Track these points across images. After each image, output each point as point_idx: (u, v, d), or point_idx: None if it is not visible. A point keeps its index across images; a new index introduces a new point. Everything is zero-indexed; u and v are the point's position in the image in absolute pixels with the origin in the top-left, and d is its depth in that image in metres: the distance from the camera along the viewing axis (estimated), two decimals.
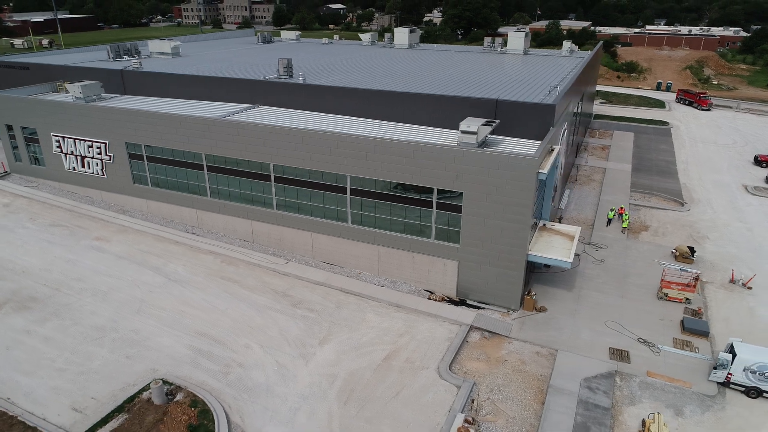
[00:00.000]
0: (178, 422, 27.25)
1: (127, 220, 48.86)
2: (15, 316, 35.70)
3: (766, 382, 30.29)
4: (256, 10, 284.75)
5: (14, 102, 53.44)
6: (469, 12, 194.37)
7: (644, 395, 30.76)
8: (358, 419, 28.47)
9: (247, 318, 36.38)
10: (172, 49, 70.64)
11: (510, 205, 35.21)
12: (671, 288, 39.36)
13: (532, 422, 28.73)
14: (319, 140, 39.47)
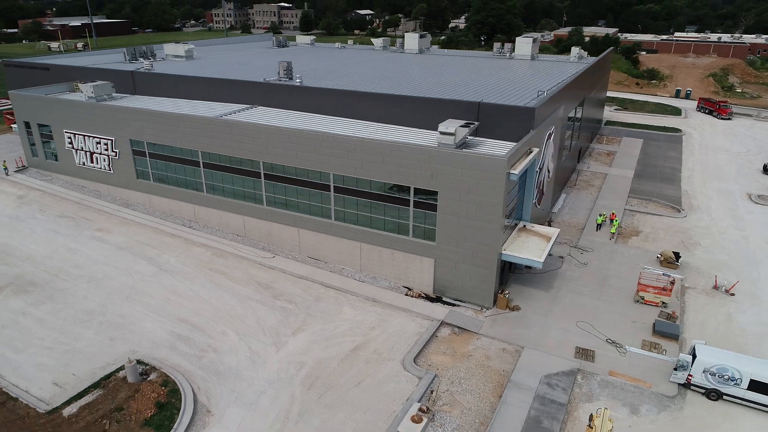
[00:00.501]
0: (147, 399, 29.01)
1: (130, 213, 51.40)
2: (14, 298, 38.26)
3: (726, 384, 30.42)
4: (284, 16, 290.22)
5: (31, 100, 56.77)
6: (492, 18, 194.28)
7: (603, 393, 31.24)
8: (318, 404, 29.77)
9: (228, 307, 38.13)
10: (185, 52, 73.45)
11: (482, 204, 36.12)
12: (647, 291, 39.54)
13: (486, 414, 29.55)
14: (303, 139, 41.11)
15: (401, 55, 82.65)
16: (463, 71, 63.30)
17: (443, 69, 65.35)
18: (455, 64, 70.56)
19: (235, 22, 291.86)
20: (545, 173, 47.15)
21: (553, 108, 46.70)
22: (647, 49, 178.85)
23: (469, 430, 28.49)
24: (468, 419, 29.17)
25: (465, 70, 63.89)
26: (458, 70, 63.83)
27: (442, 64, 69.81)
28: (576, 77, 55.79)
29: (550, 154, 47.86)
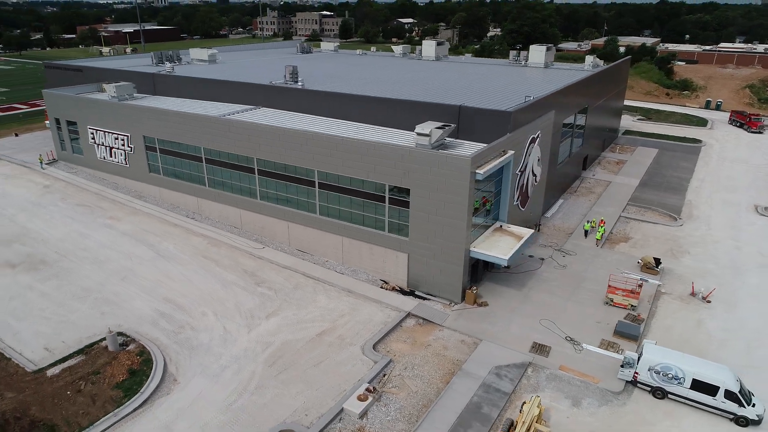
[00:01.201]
0: (122, 366, 32.08)
1: (140, 204, 55.40)
2: (24, 274, 42.41)
3: (669, 383, 31.04)
4: (325, 24, 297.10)
5: (61, 99, 61.90)
6: (527, 27, 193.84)
7: (548, 385, 32.37)
8: (275, 380, 32.13)
9: (213, 291, 41.08)
10: (209, 57, 77.89)
11: (449, 202, 37.83)
12: (616, 294, 40.20)
13: (431, 398, 31.20)
14: (291, 137, 43.85)
15: (416, 61, 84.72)
16: (466, 77, 64.92)
17: (447, 75, 67.12)
18: (464, 70, 72.14)
19: (278, 29, 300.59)
20: (529, 177, 48.24)
21: (539, 113, 47.79)
22: (687, 59, 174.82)
23: (411, 411, 30.22)
24: (412, 401, 30.90)
25: (469, 76, 65.48)
26: (462, 76, 65.48)
27: (450, 70, 71.54)
28: (571, 85, 56.51)
29: (536, 158, 48.91)
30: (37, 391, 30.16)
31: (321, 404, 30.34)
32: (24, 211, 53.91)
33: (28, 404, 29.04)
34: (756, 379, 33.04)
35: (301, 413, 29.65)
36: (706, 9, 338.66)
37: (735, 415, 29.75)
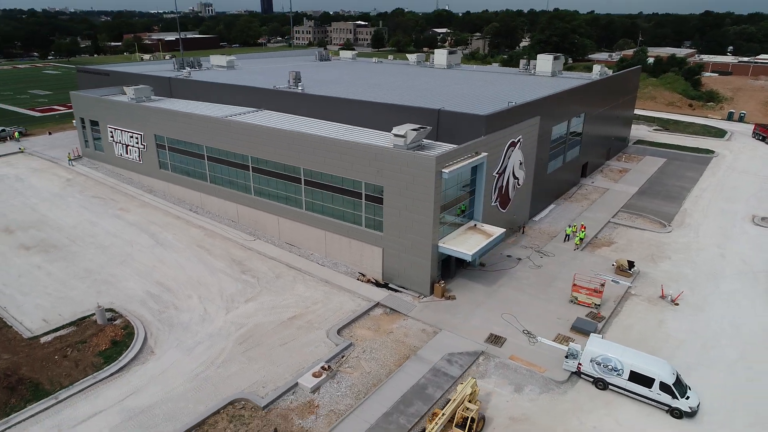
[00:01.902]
0: (106, 337, 35.54)
1: (149, 197, 59.62)
2: (36, 255, 46.81)
3: (609, 374, 32.39)
4: (359, 33, 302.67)
5: (85, 100, 67.08)
6: (556, 37, 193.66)
7: (495, 372, 34.16)
8: (242, 356, 34.98)
9: (201, 276, 44.41)
10: (227, 63, 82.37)
11: (417, 200, 40.10)
12: (580, 292, 41.52)
13: (381, 378, 33.43)
14: (280, 137, 47.02)
15: (426, 69, 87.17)
16: (464, 84, 67.00)
17: (447, 81, 69.36)
18: (466, 78, 74.20)
19: (314, 38, 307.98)
20: (509, 179, 49.96)
21: (520, 118, 49.48)
22: (721, 70, 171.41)
23: (361, 388, 32.53)
24: (363, 380, 33.21)
25: (467, 83, 67.53)
26: (461, 83, 67.59)
27: (453, 78, 73.72)
28: (561, 92, 57.91)
29: (517, 162, 50.59)
30: (29, 354, 33.89)
31: (279, 379, 32.99)
32: (45, 201, 58.89)
33: (19, 365, 32.74)
34: (703, 377, 34.05)
35: (260, 385, 32.36)
36: (752, 20, 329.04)
37: (669, 407, 30.88)
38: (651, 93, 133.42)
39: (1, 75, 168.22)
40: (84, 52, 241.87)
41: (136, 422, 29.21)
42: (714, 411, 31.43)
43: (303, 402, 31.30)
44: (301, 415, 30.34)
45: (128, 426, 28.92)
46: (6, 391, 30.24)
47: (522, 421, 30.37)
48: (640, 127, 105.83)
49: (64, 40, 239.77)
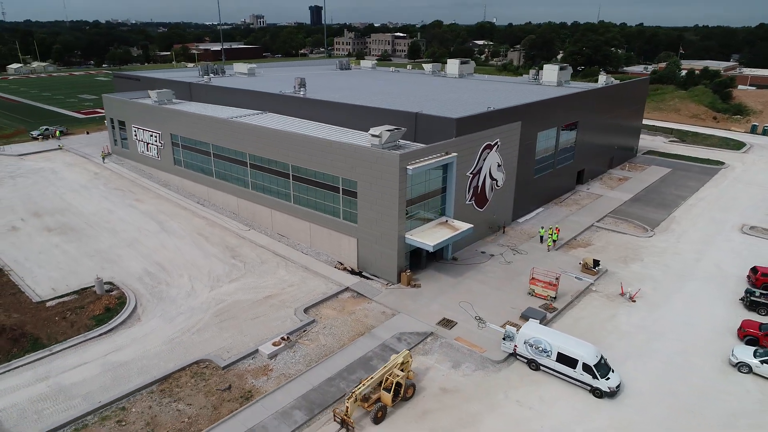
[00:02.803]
0: (101, 304, 40.64)
1: (163, 190, 65.45)
2: (56, 236, 52.91)
3: (540, 355, 34.99)
4: (397, 45, 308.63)
5: (114, 102, 73.99)
6: (589, 49, 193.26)
7: (439, 350, 37.25)
8: (216, 326, 39.31)
9: (195, 259, 49.28)
10: (248, 70, 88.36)
11: (385, 194, 43.72)
12: (537, 285, 44.04)
13: (334, 350, 37.07)
14: (270, 136, 51.65)
15: (437, 78, 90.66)
16: (461, 91, 70.24)
17: (450, 89, 72.69)
18: (470, 86, 77.30)
19: (353, 49, 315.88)
20: (486, 180, 52.84)
21: (498, 123, 52.37)
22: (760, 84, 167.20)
23: (313, 357, 36.26)
24: (317, 351, 36.95)
25: (464, 91, 70.75)
26: (459, 91, 70.87)
27: (458, 86, 76.97)
28: (546, 100, 60.39)
29: (494, 163, 53.42)
30: (35, 315, 39.30)
31: (243, 346, 37.12)
32: (72, 191, 65.62)
33: (25, 323, 38.13)
34: (637, 366, 36.19)
35: (225, 351, 36.57)
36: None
37: (591, 386, 33.25)
38: (676, 105, 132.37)
39: (57, 81, 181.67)
40: (135, 60, 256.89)
41: (112, 374, 33.89)
42: (637, 394, 33.58)
43: (259, 366, 35.30)
44: (255, 376, 34.33)
45: (105, 376, 33.61)
46: (10, 342, 35.54)
47: (451, 392, 33.40)
48: (656, 139, 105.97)
49: (118, 50, 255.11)
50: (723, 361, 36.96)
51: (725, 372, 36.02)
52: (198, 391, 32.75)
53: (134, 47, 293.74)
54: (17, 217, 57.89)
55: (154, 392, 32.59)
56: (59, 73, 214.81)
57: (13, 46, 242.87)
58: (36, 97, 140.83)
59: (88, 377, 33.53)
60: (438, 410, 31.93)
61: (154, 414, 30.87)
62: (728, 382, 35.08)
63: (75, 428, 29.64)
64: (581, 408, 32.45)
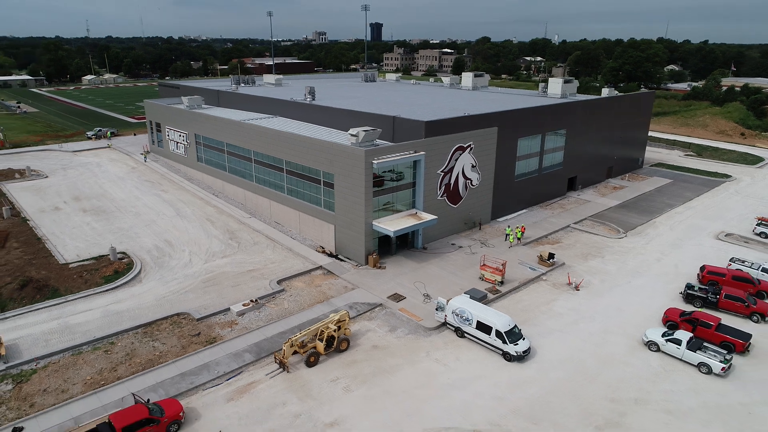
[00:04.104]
0: (112, 268, 48.92)
1: (186, 183, 74.42)
2: (89, 216, 62.41)
3: (464, 323, 40.09)
4: (444, 60, 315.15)
5: (153, 106, 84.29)
6: (629, 65, 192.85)
7: (382, 318, 43.00)
8: (201, 290, 46.65)
9: (198, 239, 57.19)
10: (275, 81, 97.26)
11: (355, 185, 50.06)
12: (486, 271, 48.96)
13: (293, 312, 43.54)
14: (268, 135, 59.23)
15: (449, 89, 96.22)
16: (461, 100, 75.67)
17: (452, 99, 78.28)
18: (475, 96, 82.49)
19: (401, 65, 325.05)
20: (458, 178, 58.10)
21: (472, 127, 57.69)
22: None
23: (275, 317, 42.81)
24: (279, 313, 43.49)
25: (464, 100, 76.15)
26: (456, 100, 76.35)
27: (462, 96, 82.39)
28: (526, 108, 65.09)
29: (468, 164, 58.62)
30: (58, 273, 47.99)
31: (219, 305, 44.17)
32: (110, 182, 75.75)
33: (49, 278, 46.80)
34: (557, 339, 40.69)
35: (203, 308, 43.73)
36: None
37: (501, 350, 38.09)
38: (705, 121, 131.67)
39: (122, 90, 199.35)
40: (195, 73, 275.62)
41: (109, 318, 41.71)
42: (545, 360, 38.13)
43: (228, 320, 42.21)
44: (222, 327, 41.25)
45: (103, 320, 41.45)
46: (35, 290, 44.18)
47: (381, 349, 39.09)
48: (672, 153, 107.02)
49: (180, 63, 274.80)
50: (638, 341, 40.76)
51: (635, 349, 39.87)
52: (173, 335, 39.99)
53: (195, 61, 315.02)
54: (61, 200, 68.13)
55: (138, 333, 40.07)
56: (125, 84, 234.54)
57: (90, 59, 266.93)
58: (100, 104, 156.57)
59: (90, 320, 41.47)
60: (365, 361, 37.70)
61: (134, 348, 38.29)
62: (634, 357, 38.96)
63: (72, 354, 37.43)
64: (489, 367, 37.36)
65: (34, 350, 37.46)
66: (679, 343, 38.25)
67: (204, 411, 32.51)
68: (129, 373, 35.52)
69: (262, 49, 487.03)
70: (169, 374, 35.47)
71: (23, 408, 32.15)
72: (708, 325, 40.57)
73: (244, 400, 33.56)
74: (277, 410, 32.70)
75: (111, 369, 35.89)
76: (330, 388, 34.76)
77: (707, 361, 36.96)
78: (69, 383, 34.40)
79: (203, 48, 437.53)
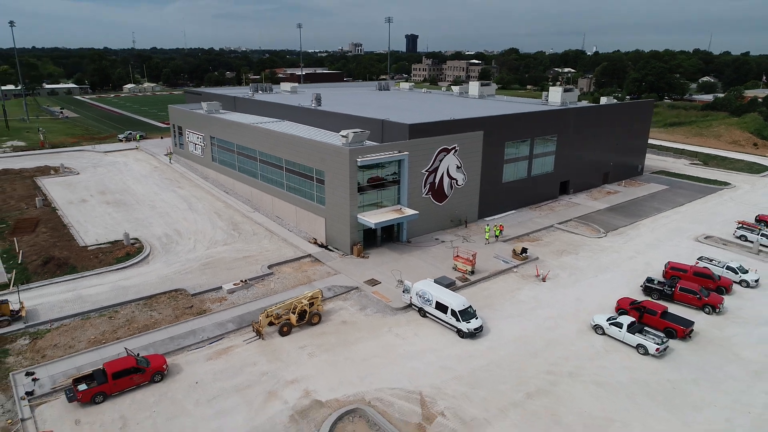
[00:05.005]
0: (125, 251, 55.10)
1: (201, 181, 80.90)
2: (110, 208, 69.30)
3: (426, 304, 44.29)
4: (471, 71, 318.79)
5: (176, 111, 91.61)
6: (652, 77, 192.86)
7: (355, 299, 47.60)
8: (199, 271, 52.22)
9: (204, 229, 63.09)
10: (291, 88, 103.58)
11: (342, 181, 55.01)
12: (459, 261, 53.03)
13: (278, 292, 48.54)
14: (270, 136, 64.93)
15: (456, 97, 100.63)
16: (459, 107, 79.96)
17: (451, 106, 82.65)
18: (475, 104, 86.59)
19: (428, 75, 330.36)
20: (443, 178, 62.32)
21: (456, 130, 61.95)
22: None
23: (260, 295, 47.94)
24: (264, 291, 48.59)
25: (462, 106, 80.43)
26: (461, 107, 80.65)
27: (463, 103, 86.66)
28: (512, 114, 68.96)
29: (453, 165, 62.82)
30: (78, 254, 54.41)
31: (212, 284, 49.60)
32: (134, 179, 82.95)
33: (69, 257, 53.21)
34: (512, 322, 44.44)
35: (198, 286, 49.18)
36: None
37: (456, 328, 42.16)
38: (718, 131, 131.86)
39: (158, 98, 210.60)
40: (229, 82, 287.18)
41: (116, 292, 47.58)
42: (496, 338, 41.99)
43: (218, 297, 47.54)
44: (213, 302, 46.59)
45: (111, 293, 47.32)
46: (56, 267, 50.59)
47: (349, 324, 43.68)
48: (678, 161, 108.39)
49: (214, 73, 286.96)
50: (587, 326, 44.15)
51: (584, 333, 43.31)
52: (169, 306, 45.54)
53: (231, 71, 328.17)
54: (88, 194, 75.44)
55: (140, 304, 45.77)
56: (162, 92, 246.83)
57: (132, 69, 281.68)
58: (135, 110, 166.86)
59: (100, 292, 47.44)
60: (332, 333, 42.36)
61: (134, 315, 43.97)
62: (580, 339, 42.43)
63: (81, 318, 43.32)
64: (443, 342, 41.46)
65: (50, 314, 43.49)
66: (621, 327, 41.58)
67: (186, 367, 37.70)
68: (127, 334, 41.14)
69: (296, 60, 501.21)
70: (161, 337, 40.88)
71: (36, 358, 38.00)
72: (654, 313, 43.72)
73: (221, 360, 38.62)
74: (248, 369, 37.62)
75: (112, 331, 41.58)
76: (297, 354, 39.53)
77: (644, 343, 40.20)
78: (76, 341, 40.19)
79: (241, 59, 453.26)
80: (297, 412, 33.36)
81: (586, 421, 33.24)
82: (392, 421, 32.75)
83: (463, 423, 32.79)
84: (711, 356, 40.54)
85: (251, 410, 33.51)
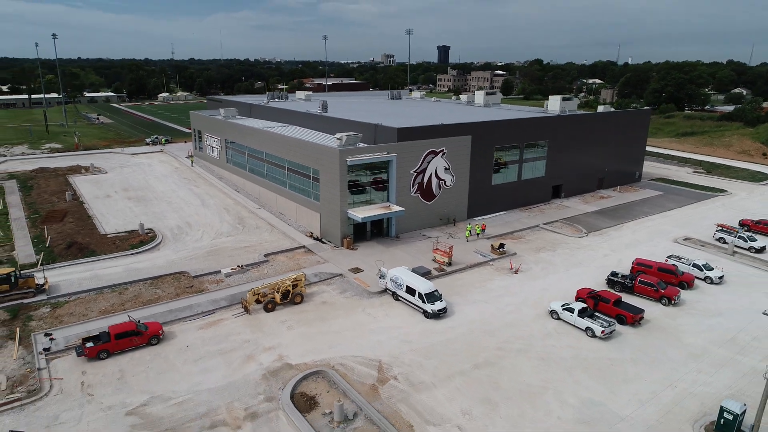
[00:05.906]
0: (139, 239, 61.55)
1: (215, 180, 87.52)
2: (131, 203, 76.29)
3: (398, 288, 48.99)
4: (495, 81, 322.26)
5: (196, 117, 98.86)
6: (671, 87, 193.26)
7: (337, 284, 52.66)
8: (203, 257, 58.12)
9: (212, 222, 69.26)
10: (305, 96, 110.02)
11: (333, 178, 60.35)
12: (437, 254, 57.58)
13: (270, 276, 53.95)
14: (274, 139, 70.84)
15: (462, 105, 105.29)
16: (461, 114, 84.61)
17: (451, 113, 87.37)
18: (476, 111, 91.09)
19: (453, 86, 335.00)
20: (432, 179, 67.00)
21: (444, 134, 66.69)
22: None
23: (252, 277, 53.46)
24: (258, 275, 54.06)
25: (463, 114, 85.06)
26: (460, 114, 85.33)
27: (465, 111, 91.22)
28: (500, 121, 73.26)
29: (441, 167, 67.46)
30: (98, 240, 61.12)
31: (213, 269, 55.38)
32: (155, 178, 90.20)
33: (90, 243, 59.92)
34: (477, 307, 48.69)
35: (200, 270, 55.02)
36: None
37: (422, 309, 46.75)
38: (729, 141, 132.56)
39: (189, 106, 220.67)
40: (257, 92, 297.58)
41: (128, 272, 53.80)
42: (458, 319, 46.34)
43: (217, 279, 53.26)
44: (211, 284, 52.31)
45: (123, 274, 53.55)
46: (77, 250, 57.28)
47: (328, 304, 48.75)
48: (681, 169, 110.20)
49: (245, 83, 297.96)
50: (546, 312, 48.10)
51: (541, 317, 47.27)
52: (172, 286, 51.46)
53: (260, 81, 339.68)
54: (113, 190, 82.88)
55: (147, 283, 51.83)
56: (193, 100, 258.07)
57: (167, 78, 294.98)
58: (165, 117, 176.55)
59: (114, 273, 53.74)
60: (311, 311, 47.48)
61: (141, 292, 50.00)
62: (536, 322, 46.43)
63: (95, 293, 49.56)
64: (409, 321, 46.08)
65: (69, 288, 49.87)
66: (572, 311, 45.48)
67: (179, 334, 43.32)
68: (133, 307, 47.11)
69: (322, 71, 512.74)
70: (161, 310, 46.68)
71: (54, 323, 44.21)
72: (607, 301, 47.43)
73: (211, 329, 44.14)
74: (232, 337, 43.02)
75: (120, 304, 47.66)
76: (277, 326, 44.77)
77: (591, 326, 44.02)
78: (89, 310, 46.36)
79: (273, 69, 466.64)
80: (269, 372, 38.49)
81: (522, 388, 37.37)
82: (350, 382, 37.54)
83: (411, 385, 37.35)
84: (655, 340, 44.03)
85: (230, 369, 38.80)
